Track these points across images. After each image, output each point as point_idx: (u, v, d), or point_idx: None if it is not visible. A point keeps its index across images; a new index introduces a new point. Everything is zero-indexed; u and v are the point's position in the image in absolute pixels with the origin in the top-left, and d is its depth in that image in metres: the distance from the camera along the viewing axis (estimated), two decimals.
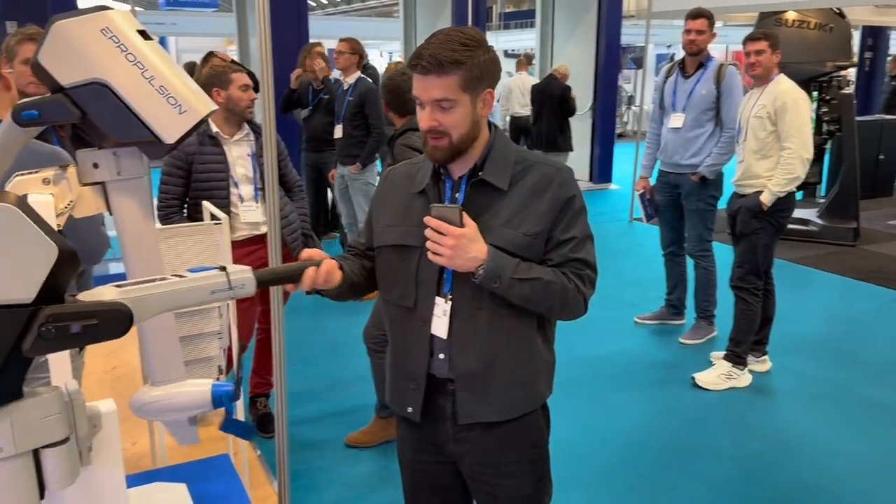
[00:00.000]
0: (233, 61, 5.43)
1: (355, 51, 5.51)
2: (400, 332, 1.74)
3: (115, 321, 0.93)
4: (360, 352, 3.40)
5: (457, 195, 1.66)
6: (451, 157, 1.62)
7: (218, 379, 2.57)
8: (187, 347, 2.31)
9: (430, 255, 1.58)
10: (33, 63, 1.27)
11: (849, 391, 4.08)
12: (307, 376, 4.21)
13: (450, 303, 1.65)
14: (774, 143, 3.91)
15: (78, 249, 2.29)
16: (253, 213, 3.34)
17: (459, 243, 1.54)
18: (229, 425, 1.43)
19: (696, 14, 4.49)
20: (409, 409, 1.73)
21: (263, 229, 3.36)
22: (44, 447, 0.95)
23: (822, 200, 7.78)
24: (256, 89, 3.37)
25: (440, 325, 1.66)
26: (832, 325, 5.14)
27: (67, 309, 0.89)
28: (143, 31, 1.34)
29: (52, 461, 0.96)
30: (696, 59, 4.53)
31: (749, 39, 4.00)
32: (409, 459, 1.84)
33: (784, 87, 3.92)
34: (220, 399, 1.43)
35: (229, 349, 2.58)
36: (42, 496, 0.97)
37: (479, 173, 1.64)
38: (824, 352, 4.63)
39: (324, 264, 1.55)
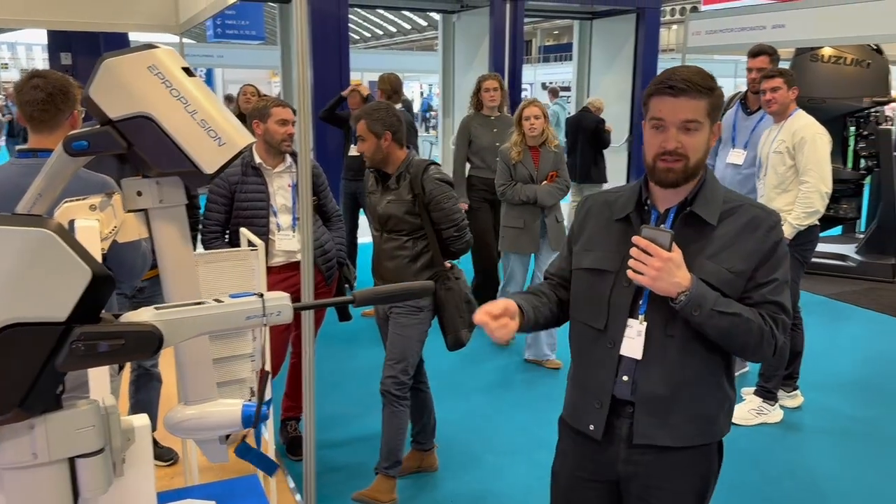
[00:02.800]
0: (260, 94, 5.62)
1: (379, 87, 5.95)
2: (588, 351, 1.78)
3: (142, 342, 0.99)
4: None
5: (662, 226, 1.68)
6: (684, 181, 1.65)
7: (250, 400, 2.64)
8: (221, 369, 2.38)
9: (630, 274, 1.61)
10: (84, 96, 1.35)
11: (882, 430, 4.00)
12: (338, 401, 4.26)
13: (644, 324, 1.68)
14: (794, 177, 3.91)
15: (119, 268, 2.38)
16: (289, 241, 3.44)
17: (666, 266, 1.57)
18: (248, 452, 1.41)
19: (756, 52, 4.44)
20: (591, 427, 1.76)
21: (299, 257, 3.45)
22: (79, 456, 1.01)
23: (860, 236, 7.66)
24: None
25: (634, 346, 1.69)
26: (867, 363, 5.04)
27: (97, 329, 0.95)
28: (186, 68, 1.43)
29: (86, 470, 1.01)
30: (759, 97, 4.41)
31: (765, 77, 4.02)
32: (568, 475, 1.86)
33: (803, 123, 3.93)
34: (250, 419, 1.48)
35: (261, 371, 2.64)
36: (76, 503, 1.03)
37: (689, 207, 1.67)
38: (858, 389, 4.55)
39: (500, 322, 1.65)
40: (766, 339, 1.64)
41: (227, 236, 3.45)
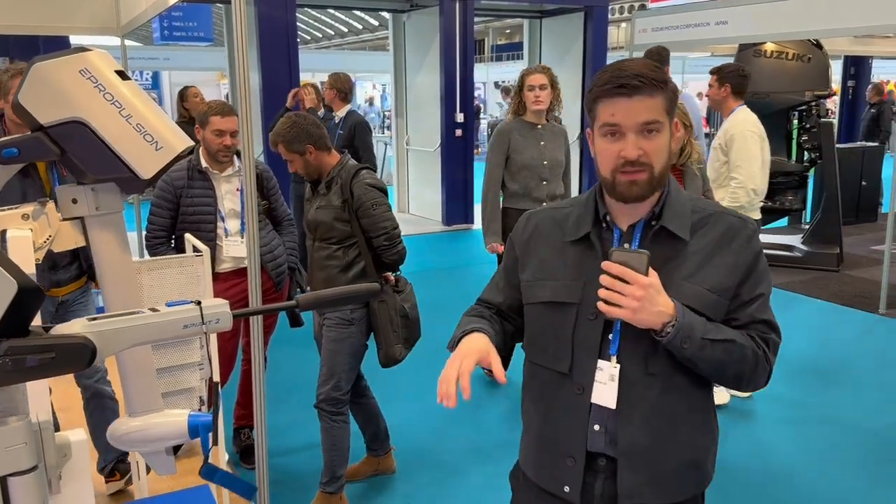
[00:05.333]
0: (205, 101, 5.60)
1: (332, 86, 5.70)
2: (551, 399, 1.52)
3: (74, 355, 0.95)
4: None
5: (626, 246, 1.46)
6: (651, 192, 1.42)
7: (199, 409, 2.60)
8: (168, 378, 2.34)
9: (603, 307, 1.37)
10: (14, 103, 1.31)
11: (830, 415, 4.11)
12: (293, 408, 4.22)
13: (618, 367, 1.43)
14: (727, 173, 4.03)
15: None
16: (237, 247, 3.38)
17: (647, 294, 1.33)
18: (214, 473, 1.30)
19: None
20: (567, 489, 1.50)
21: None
22: (10, 475, 0.97)
23: (806, 227, 7.86)
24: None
25: (606, 393, 1.43)
26: (814, 350, 5.17)
27: (25, 343, 0.91)
28: (120, 72, 1.39)
29: (18, 489, 0.98)
30: None
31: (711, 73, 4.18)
32: None
33: (737, 119, 4.06)
34: (197, 429, 1.45)
35: (210, 382, 2.60)
36: None
37: (658, 221, 1.45)
38: (807, 376, 4.66)
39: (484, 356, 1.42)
40: (762, 364, 1.45)
41: (173, 242, 3.39)
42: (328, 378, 3.08)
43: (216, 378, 2.63)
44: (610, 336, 1.44)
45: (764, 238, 4.30)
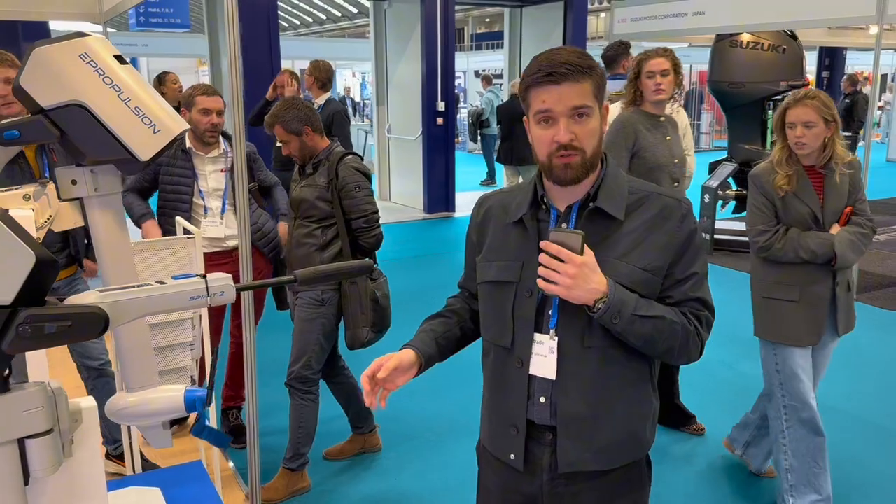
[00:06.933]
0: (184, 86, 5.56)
1: (311, 73, 5.76)
2: (499, 372, 1.62)
3: (89, 323, 1.01)
4: None
5: (563, 226, 1.53)
6: (585, 175, 1.49)
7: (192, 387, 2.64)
8: (160, 358, 2.39)
9: (542, 284, 1.45)
10: (15, 86, 1.35)
11: None
12: (280, 388, 4.26)
13: (555, 339, 1.52)
14: None
15: None
16: (215, 228, 3.41)
17: (581, 272, 1.41)
18: (203, 430, 1.44)
19: None
20: (512, 457, 1.61)
21: (230, 244, 3.43)
22: (28, 437, 1.03)
23: None
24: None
25: (546, 365, 1.53)
26: None
27: (44, 311, 0.97)
28: (119, 56, 1.43)
29: (36, 450, 1.03)
30: None
31: None
32: None
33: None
34: (193, 404, 1.51)
35: (202, 360, 2.65)
36: (26, 483, 1.06)
37: (593, 202, 1.51)
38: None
39: (382, 372, 1.55)
40: (692, 339, 1.52)
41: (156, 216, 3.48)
42: (299, 357, 3.14)
43: (207, 358, 2.70)
44: (550, 312, 1.53)
45: (739, 226, 4.39)
